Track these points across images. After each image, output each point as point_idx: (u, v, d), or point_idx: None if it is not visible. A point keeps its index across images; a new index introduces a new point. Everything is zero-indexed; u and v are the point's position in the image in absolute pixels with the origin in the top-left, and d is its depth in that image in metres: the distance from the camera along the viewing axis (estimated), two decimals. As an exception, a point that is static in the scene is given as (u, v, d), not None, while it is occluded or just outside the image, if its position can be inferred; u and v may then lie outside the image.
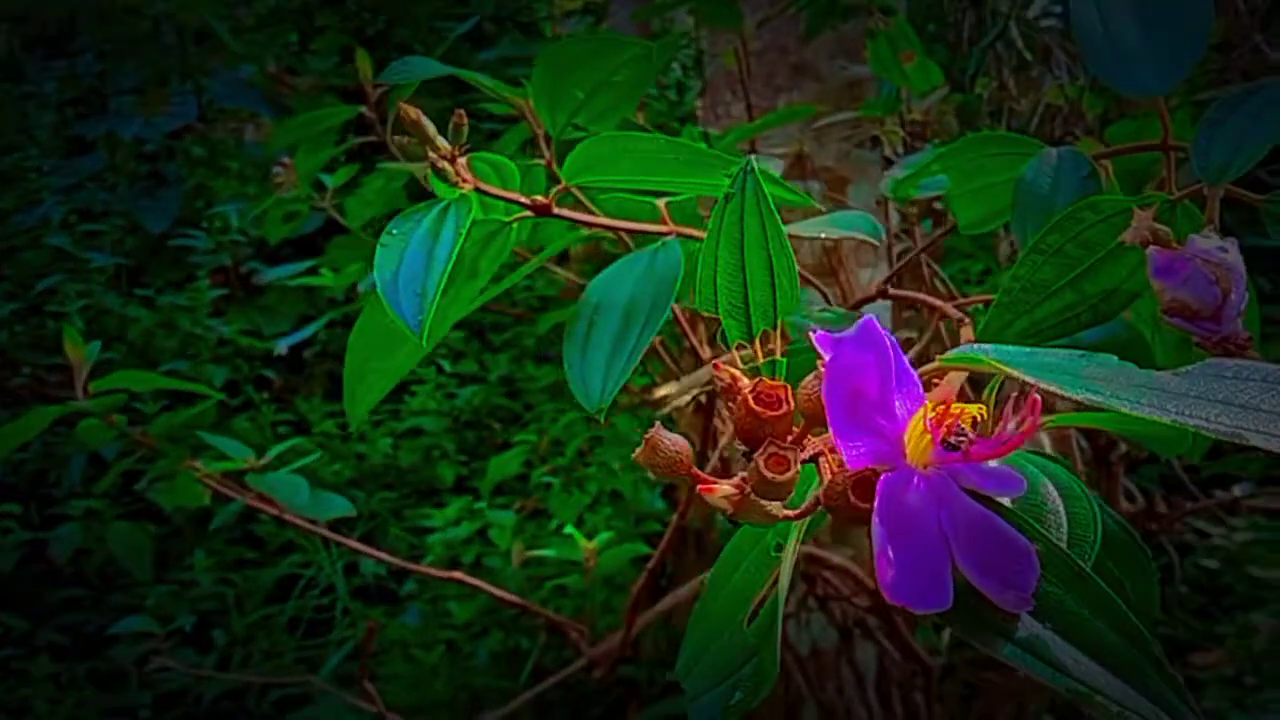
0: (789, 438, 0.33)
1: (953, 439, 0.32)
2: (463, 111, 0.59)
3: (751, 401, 0.33)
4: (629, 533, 1.72)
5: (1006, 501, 0.37)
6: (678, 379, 1.34)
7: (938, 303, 0.62)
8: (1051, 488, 0.39)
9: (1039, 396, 0.32)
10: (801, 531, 0.41)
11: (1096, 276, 0.55)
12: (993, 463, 0.36)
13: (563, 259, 1.56)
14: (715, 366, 0.37)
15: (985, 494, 0.36)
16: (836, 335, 0.35)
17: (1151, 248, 0.48)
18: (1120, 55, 0.60)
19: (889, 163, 1.32)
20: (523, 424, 2.89)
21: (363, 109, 1.31)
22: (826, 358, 0.33)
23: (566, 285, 1.51)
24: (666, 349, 1.30)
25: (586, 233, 0.77)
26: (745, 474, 0.35)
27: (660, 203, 0.69)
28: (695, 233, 0.68)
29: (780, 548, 0.43)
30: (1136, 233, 0.50)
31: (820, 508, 0.34)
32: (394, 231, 0.57)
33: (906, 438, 0.34)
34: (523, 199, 0.63)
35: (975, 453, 0.32)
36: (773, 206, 0.38)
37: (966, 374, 0.40)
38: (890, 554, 0.31)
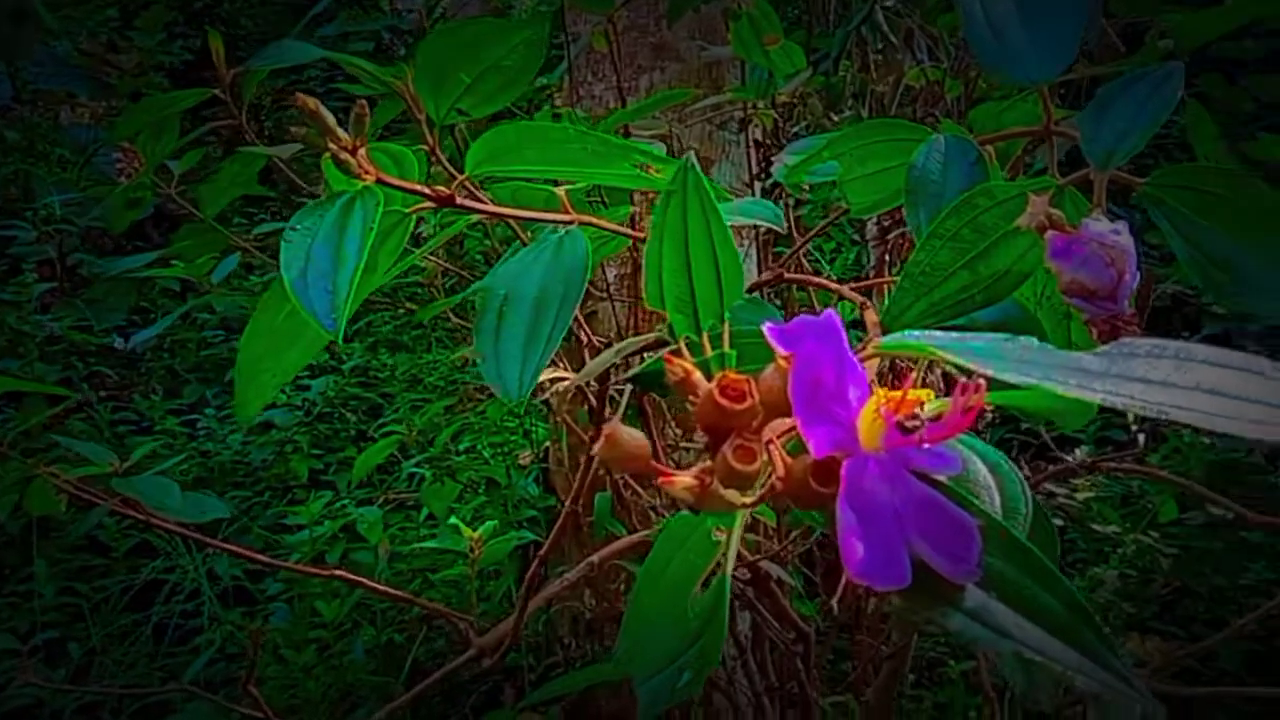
0: (753, 429, 0.34)
1: (909, 423, 0.33)
2: (364, 102, 0.57)
3: (717, 395, 0.33)
4: (504, 520, 1.71)
5: (944, 480, 0.39)
6: (559, 366, 1.34)
7: (835, 286, 0.64)
8: (981, 464, 0.41)
9: (982, 380, 0.33)
10: (746, 517, 0.42)
11: (990, 259, 0.58)
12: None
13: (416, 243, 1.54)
14: (668, 360, 0.37)
15: (927, 474, 0.38)
16: (785, 329, 0.36)
17: (1049, 232, 0.50)
18: (1004, 45, 0.62)
19: (758, 145, 1.34)
20: (379, 415, 2.83)
21: (215, 91, 1.26)
22: (780, 351, 0.34)
23: (433, 272, 1.48)
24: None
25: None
26: (704, 465, 0.36)
27: (560, 191, 0.69)
28: (597, 221, 0.68)
29: (721, 532, 0.44)
30: (1032, 217, 0.52)
31: (776, 494, 0.35)
32: (298, 227, 0.55)
33: (859, 424, 0.35)
34: (425, 190, 0.62)
35: (928, 435, 0.34)
36: (714, 202, 0.39)
37: (879, 359, 0.41)
38: (859, 536, 0.32)
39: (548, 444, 1.84)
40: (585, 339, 1.40)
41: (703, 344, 0.39)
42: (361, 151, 0.58)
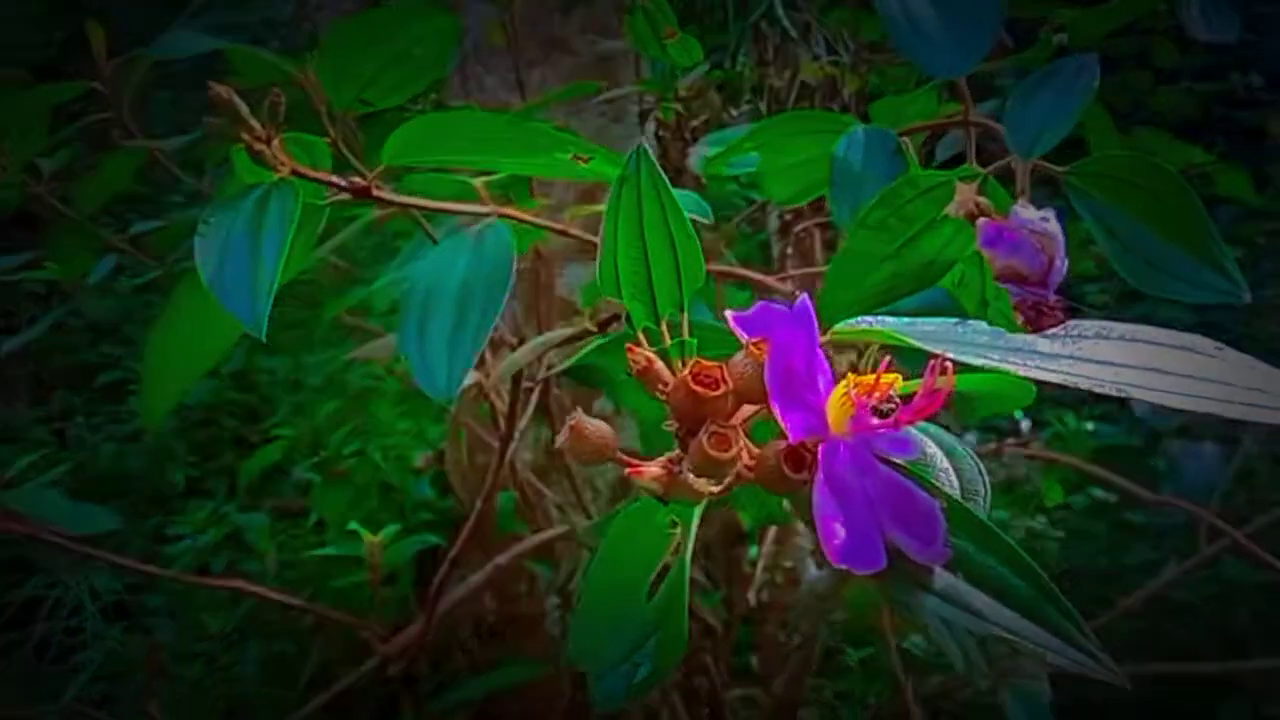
0: (725, 416, 0.33)
1: (885, 406, 0.33)
2: (280, 90, 0.55)
3: (691, 382, 0.32)
4: (403, 525, 1.67)
5: (904, 464, 0.39)
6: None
7: (763, 278, 0.64)
8: (936, 448, 0.41)
9: (949, 363, 0.33)
10: (703, 507, 0.41)
11: (917, 247, 0.58)
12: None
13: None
14: (630, 350, 0.36)
15: (888, 458, 0.38)
16: (749, 316, 0.36)
17: (982, 219, 0.51)
18: (922, 37, 0.63)
19: (659, 139, 1.34)
20: (258, 420, 2.75)
21: (95, 84, 1.20)
22: (745, 338, 0.34)
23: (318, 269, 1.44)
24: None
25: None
26: (671, 454, 0.35)
27: (478, 182, 0.67)
28: (518, 214, 0.67)
29: (675, 524, 0.43)
30: (961, 205, 0.53)
31: (744, 481, 0.35)
32: (210, 221, 0.52)
33: (828, 409, 0.34)
34: (340, 181, 0.60)
35: (900, 418, 0.34)
36: (669, 188, 0.38)
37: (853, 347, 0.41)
38: (840, 520, 0.32)
39: (444, 445, 1.81)
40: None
41: (661, 332, 0.38)
42: (276, 142, 0.56)
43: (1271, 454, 1.99)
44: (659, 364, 0.36)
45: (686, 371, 0.33)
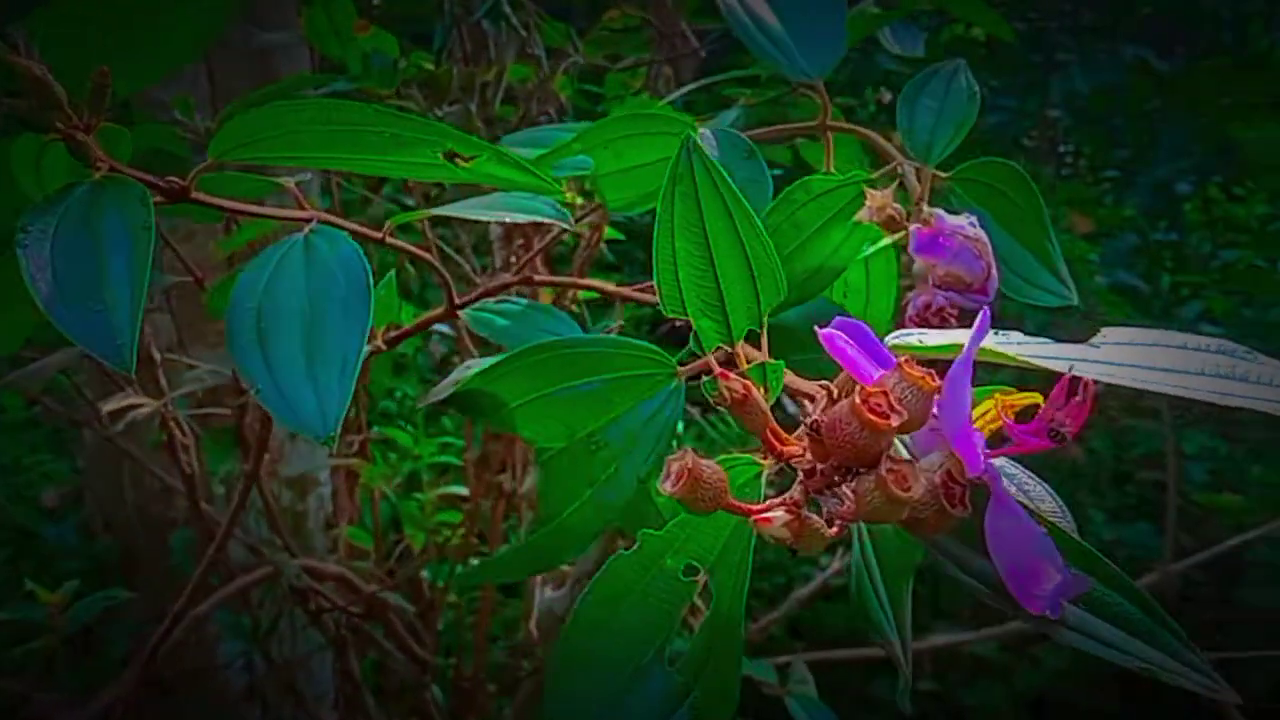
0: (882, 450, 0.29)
1: (1063, 429, 0.30)
2: (106, 70, 0.43)
3: (866, 413, 0.28)
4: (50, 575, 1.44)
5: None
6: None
7: (624, 291, 0.60)
8: (1029, 477, 0.39)
9: (1093, 379, 0.31)
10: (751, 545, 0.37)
11: (806, 254, 0.57)
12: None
13: None
14: (723, 376, 0.31)
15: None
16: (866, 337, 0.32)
17: (914, 225, 0.50)
18: (776, 45, 0.62)
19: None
20: None
21: None
22: (901, 357, 0.30)
23: None
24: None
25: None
26: (791, 498, 0.31)
27: (289, 183, 0.58)
28: (340, 222, 0.58)
29: (693, 571, 0.38)
30: (877, 212, 0.52)
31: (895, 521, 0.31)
32: (31, 228, 0.40)
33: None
34: (157, 181, 0.49)
35: (1035, 440, 0.31)
36: (734, 188, 0.33)
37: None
38: (1047, 561, 0.29)
39: (80, 481, 1.58)
40: (157, 356, 1.22)
41: (736, 354, 0.33)
42: (92, 134, 0.44)
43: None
44: (757, 393, 0.31)
45: (857, 400, 0.28)
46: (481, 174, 0.51)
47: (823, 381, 0.36)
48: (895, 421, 0.28)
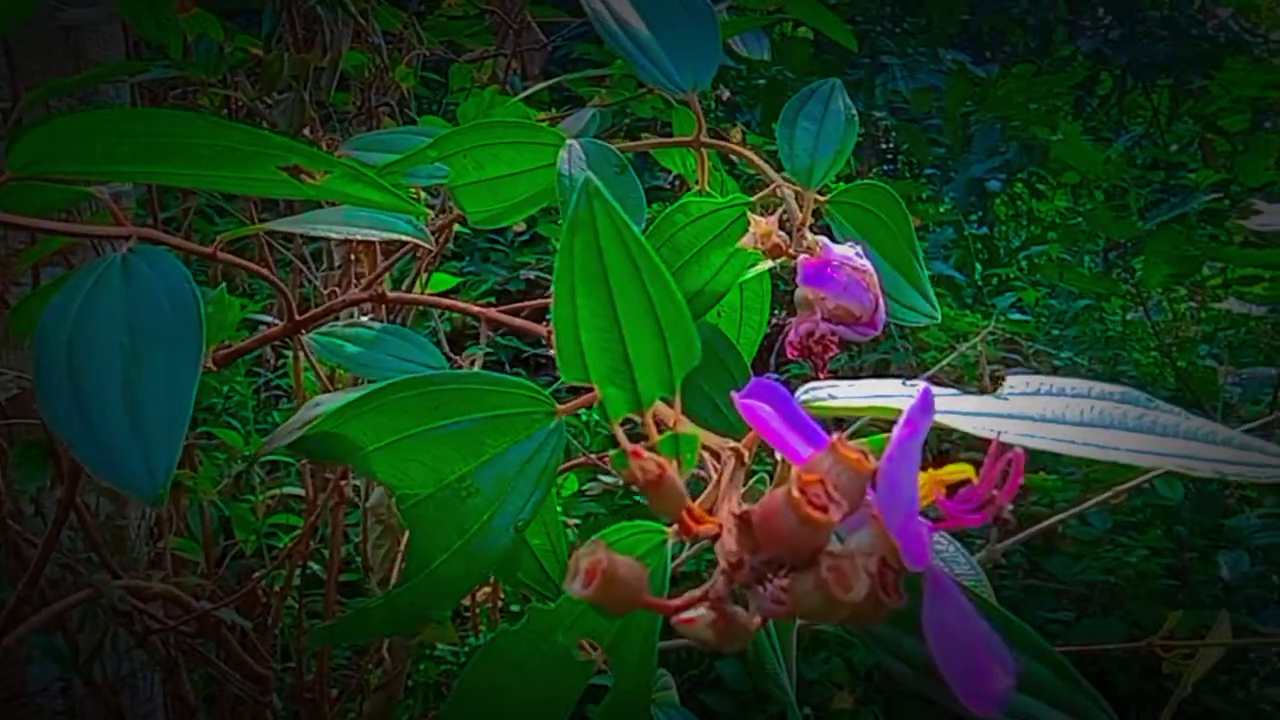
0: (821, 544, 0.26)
1: (1005, 513, 0.28)
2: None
3: (805, 506, 0.25)
4: None
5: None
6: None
7: (490, 313, 0.56)
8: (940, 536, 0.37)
9: (1020, 450, 0.29)
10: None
11: (685, 278, 0.54)
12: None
13: None
14: (635, 455, 0.28)
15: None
16: (788, 406, 0.29)
17: (803, 257, 0.48)
18: (650, 58, 0.59)
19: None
20: None
21: None
22: (837, 437, 0.27)
23: None
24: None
25: None
26: (713, 591, 0.28)
27: (103, 193, 0.51)
28: (167, 238, 0.52)
29: (590, 647, 0.35)
30: (762, 239, 0.49)
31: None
32: None
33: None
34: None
35: (973, 519, 0.29)
36: (640, 235, 0.30)
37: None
38: (993, 659, 0.26)
39: None
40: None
41: (645, 425, 0.30)
42: None
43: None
44: (673, 473, 0.28)
45: (794, 492, 0.25)
46: (333, 192, 0.46)
47: (732, 444, 0.33)
48: (836, 515, 0.25)
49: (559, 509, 0.50)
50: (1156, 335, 2.40)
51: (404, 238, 0.53)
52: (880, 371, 2.80)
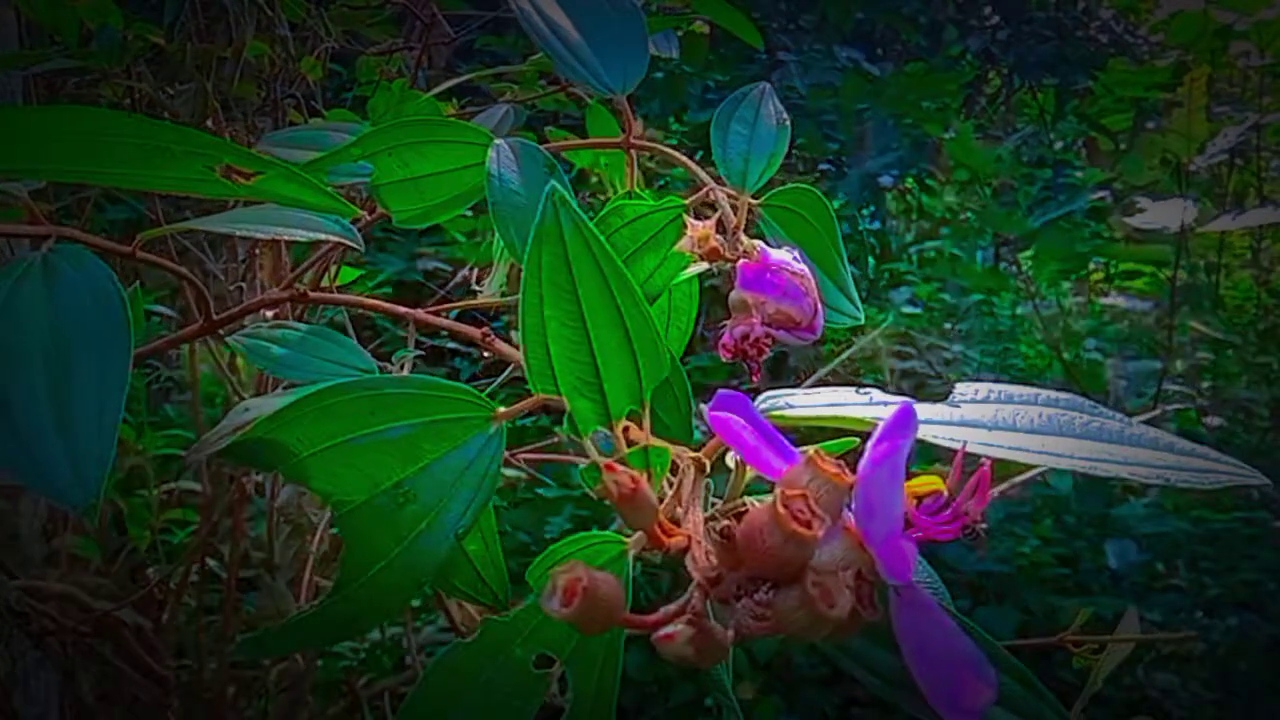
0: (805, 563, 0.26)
1: (979, 526, 0.28)
2: None
3: (790, 522, 0.25)
4: None
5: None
6: None
7: (419, 315, 0.54)
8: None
9: (988, 460, 0.30)
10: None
11: (618, 282, 0.53)
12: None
13: None
14: (610, 469, 0.27)
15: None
16: (763, 427, 0.29)
17: (741, 261, 0.48)
18: (579, 59, 0.58)
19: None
20: None
21: None
22: (811, 450, 0.27)
23: None
24: None
25: None
26: (690, 606, 0.27)
27: (21, 190, 0.49)
28: (87, 238, 0.50)
29: (546, 662, 0.34)
30: (698, 243, 0.49)
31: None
32: None
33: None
34: None
35: (946, 531, 0.29)
36: (607, 246, 0.30)
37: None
38: (969, 678, 0.27)
39: None
40: None
41: (615, 437, 0.30)
42: None
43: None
44: (647, 487, 0.27)
45: (777, 505, 0.25)
46: (265, 192, 0.45)
47: (691, 454, 0.33)
48: (820, 530, 0.25)
49: (492, 514, 0.50)
50: (1045, 329, 2.47)
51: (333, 238, 0.52)
52: (778, 365, 2.83)
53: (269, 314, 0.77)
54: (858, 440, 0.36)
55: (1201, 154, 2.18)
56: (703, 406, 0.29)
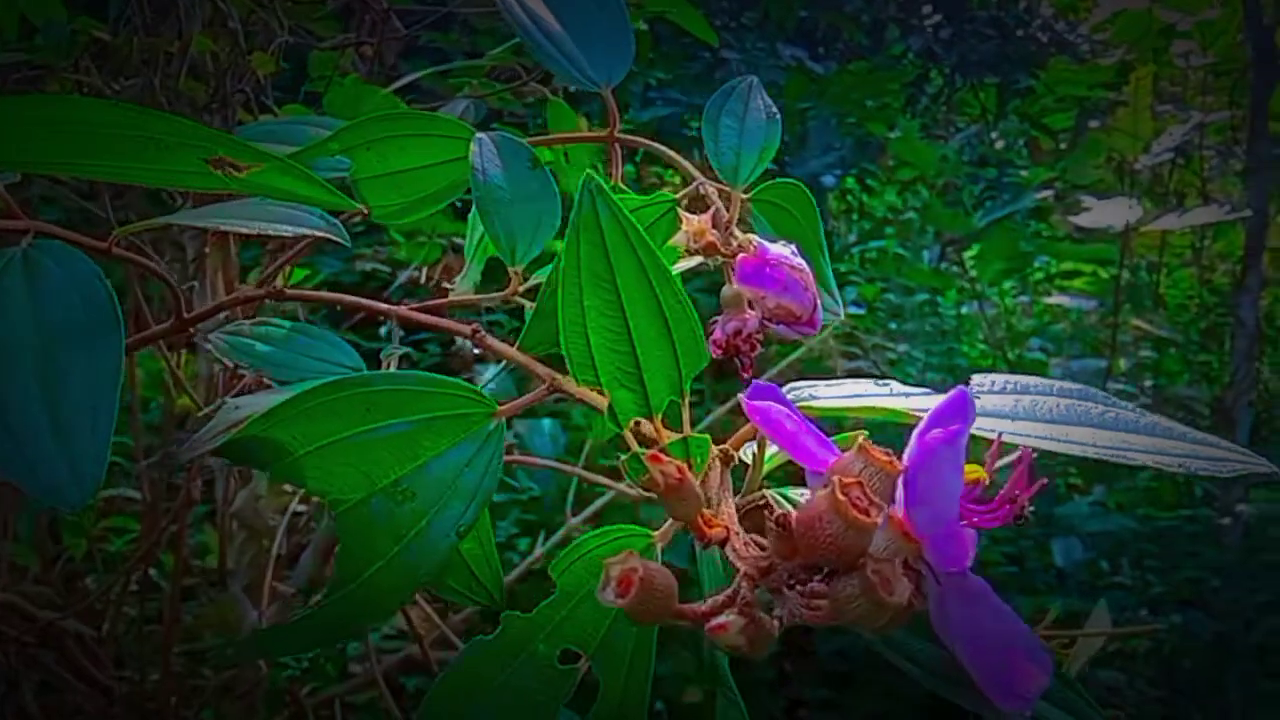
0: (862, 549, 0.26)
1: (1026, 514, 0.28)
2: None
3: (850, 509, 0.25)
4: None
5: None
6: None
7: (400, 311, 0.54)
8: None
9: (1033, 451, 0.30)
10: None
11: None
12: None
13: None
14: (655, 459, 0.27)
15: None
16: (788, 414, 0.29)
17: (741, 256, 0.47)
18: (563, 53, 0.58)
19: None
20: None
21: None
22: (862, 438, 0.27)
23: None
24: None
25: None
26: (742, 597, 0.27)
27: (-6, 184, 0.47)
28: (63, 232, 0.48)
29: (572, 658, 0.34)
30: (695, 238, 0.49)
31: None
32: None
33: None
34: None
35: (995, 519, 0.29)
36: (646, 237, 0.29)
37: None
38: (1024, 662, 0.27)
39: None
40: None
41: (655, 428, 0.29)
42: None
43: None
44: (692, 478, 0.27)
45: (836, 493, 0.25)
46: (261, 186, 0.44)
47: (719, 445, 0.32)
48: (878, 517, 0.25)
49: (487, 514, 0.49)
50: (989, 328, 2.51)
51: (318, 233, 0.51)
52: (724, 366, 2.84)
53: (224, 314, 0.75)
54: (865, 432, 0.36)
55: (1147, 153, 2.23)
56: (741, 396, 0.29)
